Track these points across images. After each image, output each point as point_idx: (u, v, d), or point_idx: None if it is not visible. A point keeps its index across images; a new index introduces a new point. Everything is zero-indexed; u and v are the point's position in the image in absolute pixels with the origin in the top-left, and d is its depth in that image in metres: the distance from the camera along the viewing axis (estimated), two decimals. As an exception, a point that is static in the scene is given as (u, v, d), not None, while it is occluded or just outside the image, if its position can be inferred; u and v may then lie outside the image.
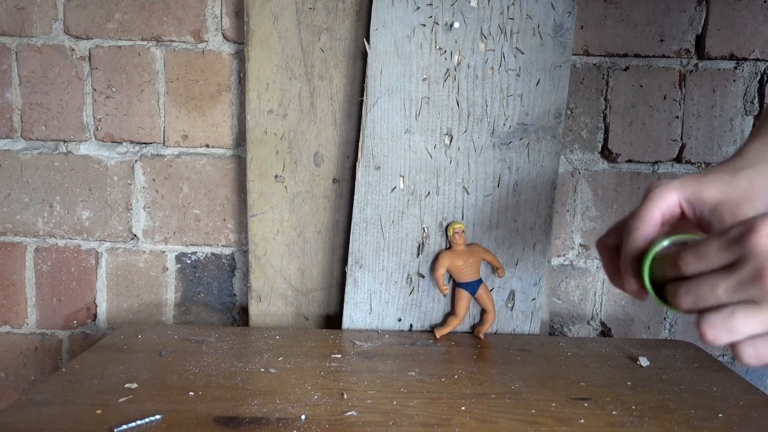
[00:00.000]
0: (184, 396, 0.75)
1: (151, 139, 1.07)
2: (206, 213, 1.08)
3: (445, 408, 0.73)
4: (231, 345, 0.92)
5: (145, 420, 0.68)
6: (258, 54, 1.00)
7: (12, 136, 1.08)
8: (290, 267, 1.04)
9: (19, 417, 0.69)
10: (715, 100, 1.03)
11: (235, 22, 1.05)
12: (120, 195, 1.08)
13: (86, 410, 0.71)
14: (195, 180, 1.08)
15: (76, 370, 0.82)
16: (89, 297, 1.11)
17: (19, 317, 1.12)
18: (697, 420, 0.72)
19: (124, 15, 1.05)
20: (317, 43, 1.01)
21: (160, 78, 1.06)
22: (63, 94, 1.07)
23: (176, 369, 0.83)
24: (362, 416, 0.71)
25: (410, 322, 1.01)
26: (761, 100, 1.03)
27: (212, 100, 1.06)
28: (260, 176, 1.02)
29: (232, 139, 1.07)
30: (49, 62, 1.06)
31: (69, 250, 1.10)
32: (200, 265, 1.10)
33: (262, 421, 0.69)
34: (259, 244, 1.04)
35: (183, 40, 1.05)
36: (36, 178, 1.09)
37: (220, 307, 1.11)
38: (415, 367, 0.85)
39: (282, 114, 1.01)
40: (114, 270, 1.10)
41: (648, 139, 1.05)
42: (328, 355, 0.89)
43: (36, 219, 1.09)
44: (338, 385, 0.79)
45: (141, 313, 1.11)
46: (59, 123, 1.07)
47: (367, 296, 1.00)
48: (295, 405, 0.73)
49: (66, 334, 1.12)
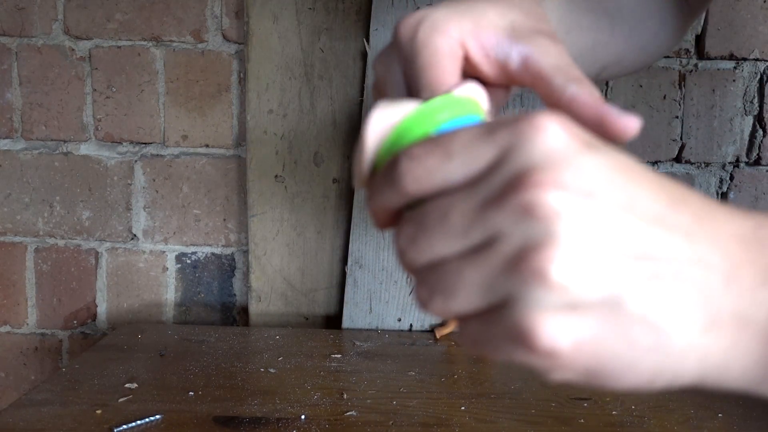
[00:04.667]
0: (184, 396, 0.75)
1: (151, 139, 1.07)
2: (206, 213, 1.08)
3: (445, 408, 0.73)
4: (231, 345, 0.92)
5: (145, 420, 0.68)
6: (258, 54, 1.00)
7: (12, 136, 1.08)
8: (290, 267, 1.05)
9: (20, 417, 0.69)
10: (714, 99, 1.03)
11: (235, 22, 1.05)
12: (120, 195, 1.08)
13: (86, 410, 0.71)
14: (195, 180, 1.08)
15: (76, 370, 0.82)
16: (89, 297, 1.11)
17: (19, 317, 1.12)
18: (697, 420, 0.72)
19: (124, 15, 1.05)
20: (317, 43, 1.01)
21: (160, 78, 1.06)
22: (63, 94, 1.07)
23: (176, 369, 0.83)
24: (362, 416, 0.71)
25: (410, 322, 1.01)
26: (761, 100, 1.03)
27: (212, 100, 1.06)
28: (260, 176, 1.02)
29: (232, 139, 1.07)
30: (50, 62, 1.06)
31: (69, 250, 1.10)
32: (200, 265, 1.10)
33: (262, 421, 0.69)
34: (259, 244, 1.04)
35: (183, 40, 1.05)
36: (36, 178, 1.09)
37: (220, 307, 1.11)
38: (415, 367, 0.85)
39: (282, 114, 1.01)
40: (114, 270, 1.10)
41: (648, 138, 1.05)
42: (328, 355, 0.89)
43: (36, 219, 1.09)
44: (338, 385, 0.79)
45: (141, 313, 1.11)
46: (59, 123, 1.07)
47: (367, 296, 1.01)
48: (294, 405, 0.73)
49: (66, 334, 1.12)
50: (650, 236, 0.28)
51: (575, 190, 0.27)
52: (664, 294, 0.28)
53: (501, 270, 0.27)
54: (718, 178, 1.02)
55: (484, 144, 0.29)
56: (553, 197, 0.27)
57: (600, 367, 0.28)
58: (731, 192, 1.02)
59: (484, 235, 0.28)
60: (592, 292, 0.27)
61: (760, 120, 1.02)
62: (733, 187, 1.02)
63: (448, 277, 0.29)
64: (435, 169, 0.29)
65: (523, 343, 0.27)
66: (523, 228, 0.27)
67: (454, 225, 0.28)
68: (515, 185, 0.27)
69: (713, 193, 1.03)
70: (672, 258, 0.28)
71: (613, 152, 0.29)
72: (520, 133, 0.28)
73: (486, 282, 0.28)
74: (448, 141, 0.29)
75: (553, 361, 0.27)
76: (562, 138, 0.28)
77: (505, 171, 0.28)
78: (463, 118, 0.33)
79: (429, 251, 0.29)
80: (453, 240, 0.29)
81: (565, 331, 0.27)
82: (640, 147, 1.05)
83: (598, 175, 0.28)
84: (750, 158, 1.02)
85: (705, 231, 0.29)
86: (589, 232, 0.27)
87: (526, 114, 0.29)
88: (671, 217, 0.28)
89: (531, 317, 0.27)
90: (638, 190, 0.28)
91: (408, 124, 0.33)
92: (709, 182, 1.03)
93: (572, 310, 0.27)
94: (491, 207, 0.28)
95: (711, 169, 1.03)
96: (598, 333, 0.27)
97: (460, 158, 0.29)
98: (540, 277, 0.26)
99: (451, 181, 0.29)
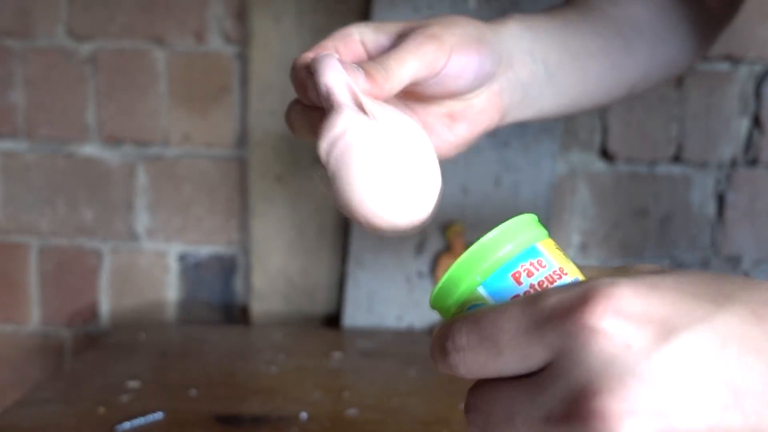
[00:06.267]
0: (186, 394, 0.75)
1: (154, 140, 1.08)
2: (208, 213, 1.09)
3: (445, 406, 0.74)
4: (232, 344, 0.93)
5: (147, 417, 0.69)
6: (259, 55, 1.01)
7: (16, 136, 1.09)
8: (291, 266, 1.05)
9: (23, 415, 0.70)
10: (711, 101, 1.04)
11: (237, 23, 1.05)
12: (123, 195, 1.09)
13: (89, 408, 0.71)
14: (197, 180, 1.08)
15: (78, 368, 0.83)
16: (92, 296, 1.12)
17: (22, 316, 1.12)
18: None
19: (126, 17, 1.06)
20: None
21: (162, 79, 1.07)
22: (66, 95, 1.08)
23: (178, 368, 0.84)
24: (362, 414, 0.72)
25: (410, 322, 1.02)
26: (757, 101, 1.03)
27: (214, 101, 1.07)
28: (262, 176, 1.03)
29: (234, 140, 1.07)
30: (53, 64, 1.07)
31: (72, 250, 1.11)
32: (202, 264, 1.10)
33: (263, 419, 0.70)
34: (261, 244, 1.04)
35: (185, 41, 1.06)
36: (39, 179, 1.09)
37: (221, 307, 1.12)
38: (415, 366, 0.86)
39: (283, 114, 1.02)
40: (116, 269, 1.11)
41: (645, 139, 1.05)
42: (329, 354, 0.90)
43: (39, 219, 1.10)
44: (339, 384, 0.80)
45: (143, 312, 1.11)
46: (63, 124, 1.08)
47: (367, 296, 1.01)
48: (295, 403, 0.74)
49: (69, 333, 1.12)
50: None
51: (652, 412, 0.25)
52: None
53: None
54: (716, 179, 1.03)
55: (533, 344, 0.27)
56: (622, 426, 0.25)
57: None
58: (728, 193, 1.03)
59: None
60: None
61: (756, 121, 1.02)
62: (731, 188, 1.03)
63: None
64: (486, 365, 0.28)
65: None
66: None
67: (522, 430, 0.27)
68: (578, 411, 0.25)
69: (710, 193, 1.03)
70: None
71: (702, 323, 0.26)
72: (570, 338, 0.26)
73: None
74: (494, 334, 0.28)
75: None
76: (621, 339, 0.25)
77: (563, 384, 0.26)
78: (514, 259, 0.33)
79: None
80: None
81: None
82: (638, 147, 1.06)
83: (680, 379, 0.25)
84: (747, 159, 1.03)
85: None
86: None
87: (577, 296, 0.26)
88: (764, 392, 0.25)
89: None
90: (741, 372, 0.25)
91: (456, 273, 0.32)
92: (707, 183, 1.03)
93: None
94: (556, 428, 0.26)
95: (708, 170, 1.03)
96: None
97: (510, 356, 0.27)
98: None
99: (507, 374, 0.28)
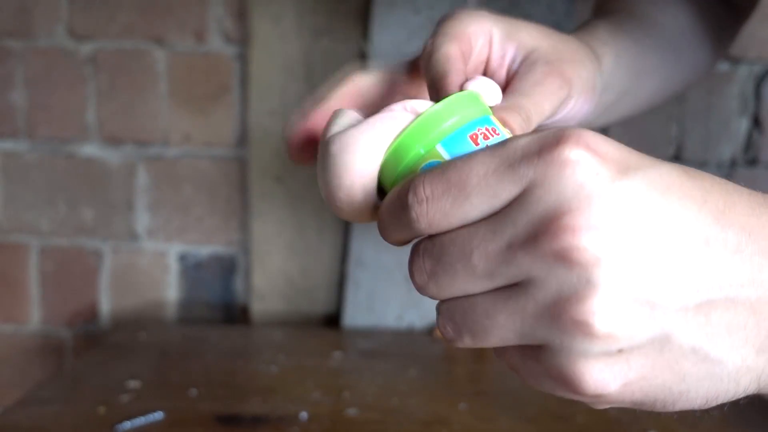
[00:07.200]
0: (186, 394, 0.75)
1: (154, 140, 1.08)
2: (208, 213, 1.09)
3: (445, 406, 0.74)
4: (232, 343, 0.93)
5: (148, 416, 0.69)
6: (259, 55, 1.01)
7: (17, 137, 1.09)
8: (291, 266, 1.05)
9: (23, 415, 0.70)
10: (711, 100, 1.04)
11: (237, 23, 1.05)
12: (123, 195, 1.09)
13: (89, 408, 0.71)
14: (197, 180, 1.08)
15: (79, 368, 0.83)
16: (92, 296, 1.12)
17: (23, 316, 1.12)
18: (697, 419, 0.72)
19: (126, 17, 1.06)
20: (318, 45, 1.01)
21: (162, 79, 1.07)
22: (67, 95, 1.08)
23: (178, 367, 0.84)
24: (362, 414, 0.72)
25: (410, 322, 1.02)
26: (757, 101, 1.03)
27: (214, 101, 1.07)
28: (262, 176, 1.03)
29: (234, 140, 1.07)
30: (53, 64, 1.07)
31: (72, 250, 1.11)
32: (202, 264, 1.10)
33: (263, 418, 0.70)
34: (261, 244, 1.04)
35: (185, 41, 1.06)
36: (40, 179, 1.09)
37: (221, 306, 1.12)
38: (415, 366, 0.86)
39: (283, 115, 1.02)
40: (117, 269, 1.11)
41: (645, 139, 1.05)
42: (329, 354, 0.90)
43: (40, 219, 1.10)
44: (339, 384, 0.80)
45: (143, 312, 1.11)
46: (63, 124, 1.08)
47: (367, 296, 1.01)
48: (295, 403, 0.74)
49: (69, 333, 1.12)
50: (695, 264, 0.26)
51: (611, 229, 0.25)
52: (715, 322, 0.26)
53: (537, 317, 0.26)
54: (716, 179, 1.03)
55: (505, 181, 0.26)
56: (587, 241, 0.25)
57: (650, 399, 0.27)
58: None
59: (513, 278, 0.26)
60: (638, 336, 0.25)
61: (756, 121, 1.02)
62: (731, 188, 1.03)
63: (476, 317, 0.27)
64: (451, 212, 0.27)
65: (567, 387, 0.27)
66: (559, 275, 0.25)
67: (478, 266, 0.26)
68: (545, 229, 0.25)
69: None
70: (720, 284, 0.26)
71: (651, 168, 0.27)
72: (545, 169, 0.26)
73: (521, 326, 0.26)
74: (462, 179, 0.27)
75: (599, 400, 0.27)
76: (591, 169, 0.25)
77: (532, 211, 0.25)
78: (469, 124, 0.31)
79: (451, 289, 0.27)
80: (478, 281, 0.27)
81: (611, 376, 0.26)
82: (638, 147, 1.05)
83: (634, 206, 0.25)
84: (746, 159, 1.03)
85: (755, 244, 0.26)
86: (630, 274, 0.25)
87: (548, 137, 0.26)
88: (717, 237, 0.26)
89: (575, 366, 0.26)
90: (680, 212, 0.26)
91: (408, 140, 0.30)
92: (707, 182, 1.03)
93: (618, 354, 0.26)
94: (519, 250, 0.26)
95: (708, 170, 1.03)
96: (647, 372, 0.26)
97: (477, 197, 0.26)
98: (583, 328, 0.25)
99: (470, 220, 0.27)
